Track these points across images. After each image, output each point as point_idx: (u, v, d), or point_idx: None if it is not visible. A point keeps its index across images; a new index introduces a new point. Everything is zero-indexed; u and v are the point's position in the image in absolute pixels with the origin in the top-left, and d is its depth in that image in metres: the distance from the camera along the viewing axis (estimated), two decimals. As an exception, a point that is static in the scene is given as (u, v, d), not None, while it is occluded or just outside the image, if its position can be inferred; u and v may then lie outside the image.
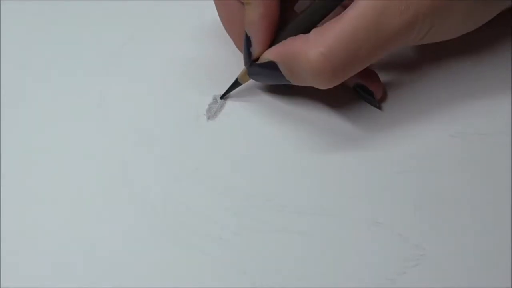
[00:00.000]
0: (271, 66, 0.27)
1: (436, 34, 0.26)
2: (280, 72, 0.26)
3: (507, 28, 0.32)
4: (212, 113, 0.29)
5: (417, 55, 0.31)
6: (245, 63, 0.28)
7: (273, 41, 0.27)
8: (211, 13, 0.29)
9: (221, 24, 0.30)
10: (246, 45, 0.27)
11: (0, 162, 0.27)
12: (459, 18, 0.26)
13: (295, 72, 0.26)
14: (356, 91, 0.29)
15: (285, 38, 0.26)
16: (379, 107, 0.29)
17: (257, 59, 0.27)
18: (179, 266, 0.24)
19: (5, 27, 0.34)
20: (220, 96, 0.30)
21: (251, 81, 0.29)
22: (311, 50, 0.25)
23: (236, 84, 0.29)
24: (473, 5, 0.26)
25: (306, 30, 0.26)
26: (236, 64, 0.29)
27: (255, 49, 0.27)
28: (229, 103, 0.29)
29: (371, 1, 0.24)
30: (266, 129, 0.28)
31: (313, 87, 0.26)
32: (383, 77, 0.29)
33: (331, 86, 0.26)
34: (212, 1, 0.29)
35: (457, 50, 0.31)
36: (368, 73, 0.28)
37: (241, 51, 0.29)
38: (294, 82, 0.27)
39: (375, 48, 0.25)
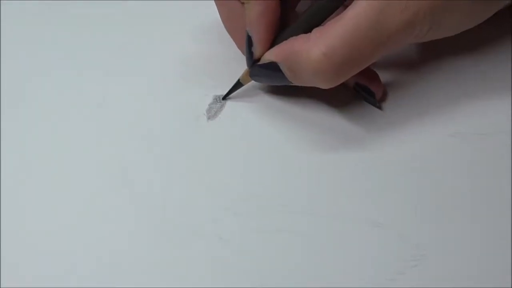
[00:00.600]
0: (273, 67, 0.27)
1: (437, 32, 0.26)
2: (282, 72, 0.26)
3: (507, 26, 0.32)
4: (212, 113, 0.29)
5: (417, 55, 0.31)
6: (248, 64, 0.28)
7: (274, 41, 0.27)
8: (211, 13, 0.29)
9: (222, 24, 0.30)
10: (248, 45, 0.27)
11: (0, 162, 0.27)
12: (459, 16, 0.26)
13: (297, 72, 0.26)
14: (357, 91, 0.29)
15: (286, 39, 0.26)
16: (380, 107, 0.29)
17: (259, 59, 0.27)
18: (179, 266, 0.24)
19: (5, 27, 0.34)
20: (222, 97, 0.29)
21: (252, 81, 0.29)
22: (312, 50, 0.25)
23: (238, 85, 0.29)
24: (473, 3, 0.26)
25: (308, 31, 0.26)
26: (236, 64, 0.29)
27: (256, 49, 0.27)
28: (230, 103, 0.29)
29: (372, 0, 0.24)
30: (266, 129, 0.28)
31: (313, 88, 0.26)
32: (384, 77, 0.29)
33: (333, 86, 0.26)
34: (213, 1, 0.29)
35: (457, 50, 0.31)
36: (369, 73, 0.28)
37: (242, 52, 0.29)
38: (296, 82, 0.27)
39: (376, 46, 0.25)
